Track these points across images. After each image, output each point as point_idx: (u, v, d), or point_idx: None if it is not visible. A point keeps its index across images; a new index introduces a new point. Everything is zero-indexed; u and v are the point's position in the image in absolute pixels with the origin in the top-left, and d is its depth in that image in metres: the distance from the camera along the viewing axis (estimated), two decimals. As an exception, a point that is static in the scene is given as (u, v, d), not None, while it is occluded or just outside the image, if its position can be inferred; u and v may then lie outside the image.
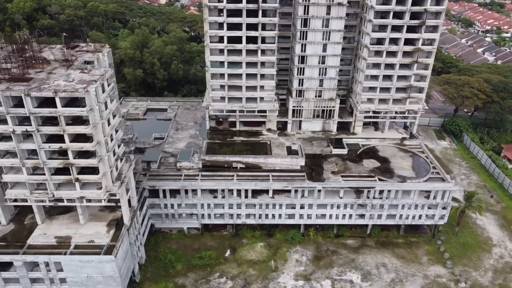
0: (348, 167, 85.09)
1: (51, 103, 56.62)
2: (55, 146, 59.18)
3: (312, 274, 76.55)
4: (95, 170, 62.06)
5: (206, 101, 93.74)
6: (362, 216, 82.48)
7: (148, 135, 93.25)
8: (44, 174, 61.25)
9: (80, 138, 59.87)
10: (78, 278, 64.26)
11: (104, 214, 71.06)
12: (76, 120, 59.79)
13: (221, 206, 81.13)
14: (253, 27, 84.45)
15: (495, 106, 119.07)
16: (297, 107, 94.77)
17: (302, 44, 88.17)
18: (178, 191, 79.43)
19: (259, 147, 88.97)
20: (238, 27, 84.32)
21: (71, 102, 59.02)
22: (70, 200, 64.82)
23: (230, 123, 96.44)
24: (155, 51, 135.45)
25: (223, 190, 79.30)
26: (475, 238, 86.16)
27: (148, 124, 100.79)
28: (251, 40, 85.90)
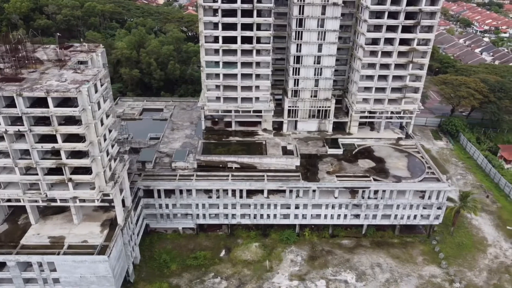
0: (343, 167, 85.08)
1: (43, 103, 56.61)
2: (48, 146, 59.17)
3: (307, 274, 76.50)
4: (88, 170, 61.99)
5: (201, 101, 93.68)
6: (357, 216, 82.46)
7: (144, 135, 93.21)
8: (37, 174, 61.22)
9: (73, 138, 59.74)
10: (72, 278, 64.20)
11: (98, 214, 71.01)
12: (69, 120, 59.70)
13: (216, 206, 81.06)
14: (248, 27, 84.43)
15: (491, 106, 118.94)
16: (292, 107, 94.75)
17: (297, 44, 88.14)
18: (173, 191, 79.34)
19: (255, 147, 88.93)
20: (233, 27, 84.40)
21: (64, 102, 58.93)
22: (63, 200, 64.75)
23: (226, 123, 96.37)
24: (151, 51, 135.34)
25: (218, 190, 79.25)
26: (470, 238, 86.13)
27: (143, 124, 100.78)
28: (246, 40, 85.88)
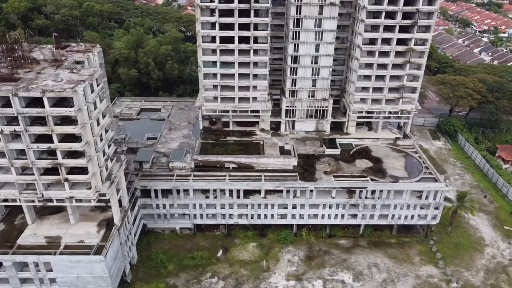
0: (341, 167, 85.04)
1: (39, 103, 56.50)
2: (44, 146, 59.09)
3: (304, 274, 76.46)
4: (84, 170, 61.88)
5: (199, 101, 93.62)
6: (354, 216, 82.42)
7: (141, 135, 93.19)
8: (33, 174, 61.11)
9: (69, 138, 59.70)
10: (68, 278, 64.12)
11: (95, 214, 70.91)
12: (65, 120, 59.69)
13: (213, 206, 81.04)
14: (245, 27, 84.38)
15: (490, 106, 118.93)
16: (290, 107, 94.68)
17: (295, 44, 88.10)
18: (170, 191, 79.28)
19: (252, 147, 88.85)
20: (230, 27, 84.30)
21: (60, 102, 58.88)
22: (60, 200, 64.69)
23: (224, 123, 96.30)
24: (150, 51, 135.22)
25: (215, 190, 79.20)
26: (468, 238, 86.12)
27: (141, 124, 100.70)
28: (244, 40, 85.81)
